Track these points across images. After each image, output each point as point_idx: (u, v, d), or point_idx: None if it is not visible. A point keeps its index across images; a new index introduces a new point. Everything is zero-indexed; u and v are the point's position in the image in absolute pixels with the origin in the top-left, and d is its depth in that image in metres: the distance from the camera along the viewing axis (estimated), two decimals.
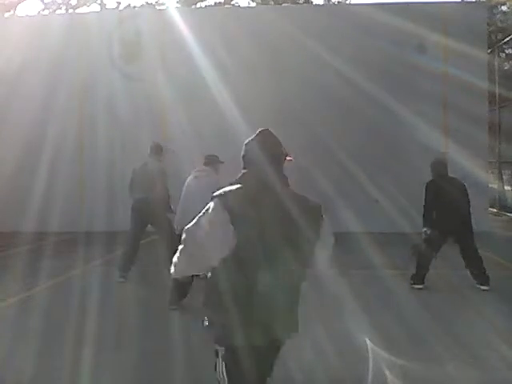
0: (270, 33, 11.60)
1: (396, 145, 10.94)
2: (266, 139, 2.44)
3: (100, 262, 8.34)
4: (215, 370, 2.32)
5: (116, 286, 6.67)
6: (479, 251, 6.44)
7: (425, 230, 6.33)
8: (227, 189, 2.32)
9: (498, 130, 14.60)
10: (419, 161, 7.39)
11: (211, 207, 2.28)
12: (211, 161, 6.10)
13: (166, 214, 6.87)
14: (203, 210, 2.31)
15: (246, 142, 2.47)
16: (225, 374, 2.29)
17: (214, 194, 2.31)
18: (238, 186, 2.33)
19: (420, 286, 6.47)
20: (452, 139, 10.55)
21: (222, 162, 6.14)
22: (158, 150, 7.16)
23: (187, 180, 6.05)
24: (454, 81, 10.85)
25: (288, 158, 2.45)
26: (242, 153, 2.45)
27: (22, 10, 34.49)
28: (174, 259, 2.40)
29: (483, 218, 10.91)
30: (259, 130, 2.47)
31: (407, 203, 7.13)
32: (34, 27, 12.43)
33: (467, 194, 6.55)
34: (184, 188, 5.98)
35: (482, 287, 6.31)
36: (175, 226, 5.83)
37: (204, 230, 2.26)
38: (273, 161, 2.37)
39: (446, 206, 6.25)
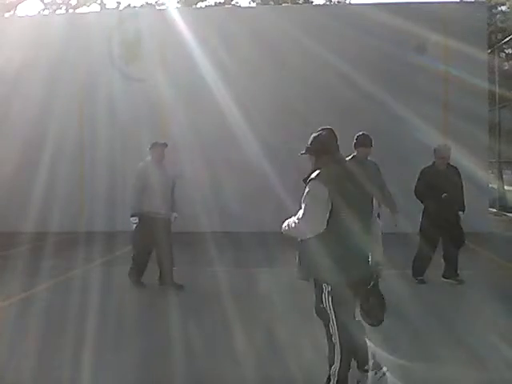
0: (270, 33, 11.59)
1: (396, 145, 10.92)
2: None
3: (100, 262, 8.34)
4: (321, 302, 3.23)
5: (116, 286, 6.67)
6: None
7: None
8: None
9: (498, 130, 14.60)
10: (419, 161, 7.38)
11: None
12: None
13: None
14: None
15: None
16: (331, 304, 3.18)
17: None
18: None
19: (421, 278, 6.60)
20: (452, 139, 10.52)
21: (158, 146, 6.44)
22: None
23: None
24: (454, 81, 10.85)
25: None
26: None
27: (22, 10, 34.51)
28: None
29: (483, 218, 10.91)
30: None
31: (407, 203, 7.11)
32: (34, 27, 12.41)
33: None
34: None
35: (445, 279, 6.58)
36: None
37: None
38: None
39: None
